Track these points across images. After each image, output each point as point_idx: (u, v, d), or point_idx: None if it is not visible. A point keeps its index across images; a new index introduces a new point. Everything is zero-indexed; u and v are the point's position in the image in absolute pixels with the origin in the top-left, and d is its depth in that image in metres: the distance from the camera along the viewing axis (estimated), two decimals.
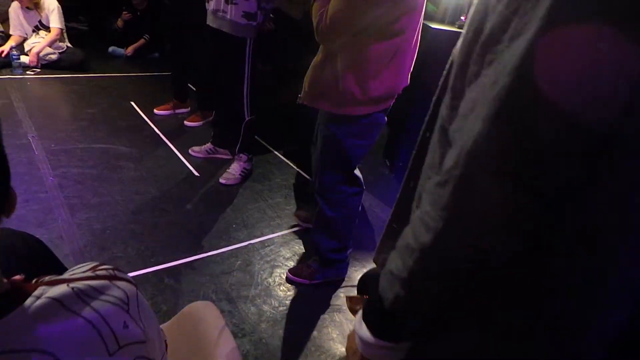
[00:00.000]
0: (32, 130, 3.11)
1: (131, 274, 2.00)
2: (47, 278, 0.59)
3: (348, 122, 1.73)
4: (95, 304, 0.58)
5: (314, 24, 1.57)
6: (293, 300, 2.03)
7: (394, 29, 1.54)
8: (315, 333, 1.87)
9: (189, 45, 3.41)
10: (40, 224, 2.20)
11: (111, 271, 0.66)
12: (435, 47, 2.75)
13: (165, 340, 0.87)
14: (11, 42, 4.19)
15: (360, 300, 0.91)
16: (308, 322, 1.93)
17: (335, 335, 1.87)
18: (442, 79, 0.69)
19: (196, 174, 2.92)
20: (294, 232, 2.50)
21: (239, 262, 2.20)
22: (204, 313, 1.08)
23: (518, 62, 0.43)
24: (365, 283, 1.18)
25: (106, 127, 3.35)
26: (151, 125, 3.49)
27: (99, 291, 0.60)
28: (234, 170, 2.86)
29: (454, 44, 0.66)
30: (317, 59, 1.69)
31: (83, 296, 0.57)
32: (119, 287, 0.63)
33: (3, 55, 4.10)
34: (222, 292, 2.00)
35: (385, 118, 1.81)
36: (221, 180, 2.82)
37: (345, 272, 2.20)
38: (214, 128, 3.12)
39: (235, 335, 1.80)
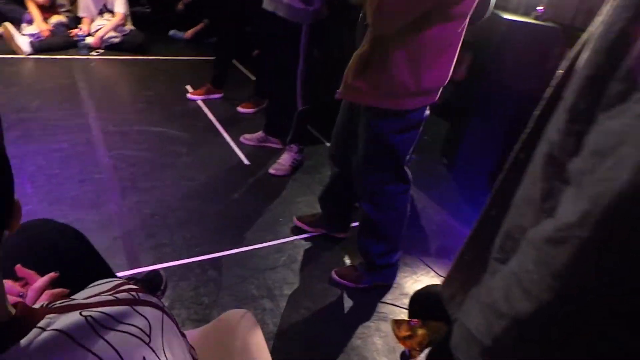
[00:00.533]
0: (92, 110, 3.18)
1: (175, 263, 1.98)
2: (58, 303, 0.52)
3: (395, 117, 1.59)
4: (111, 336, 0.50)
5: (372, 4, 1.42)
6: (337, 304, 1.93)
7: (457, 11, 1.39)
8: (359, 342, 1.76)
9: (241, 31, 3.35)
10: (92, 205, 2.23)
11: (134, 294, 0.58)
12: (509, 40, 2.52)
13: (194, 356, 0.80)
14: (82, 25, 4.33)
15: (409, 328, 0.81)
16: (352, 329, 1.82)
17: (380, 347, 1.75)
18: (550, 91, 0.55)
19: (246, 162, 2.87)
20: None
21: (283, 258, 2.13)
22: (241, 324, 1.00)
23: None
24: (417, 305, 1.06)
25: (162, 110, 3.37)
26: (204, 110, 3.48)
27: (117, 320, 0.52)
28: (285, 160, 2.79)
29: (530, 37, 0.51)
30: (362, 49, 1.54)
31: (97, 327, 0.49)
32: (141, 315, 0.55)
33: (72, 35, 4.24)
34: (265, 288, 1.94)
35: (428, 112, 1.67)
36: (271, 171, 2.76)
37: (394, 278, 2.07)
38: (267, 116, 3.06)
39: (274, 335, 1.73)
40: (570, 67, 0.52)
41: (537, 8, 2.94)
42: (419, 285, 2.08)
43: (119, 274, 1.81)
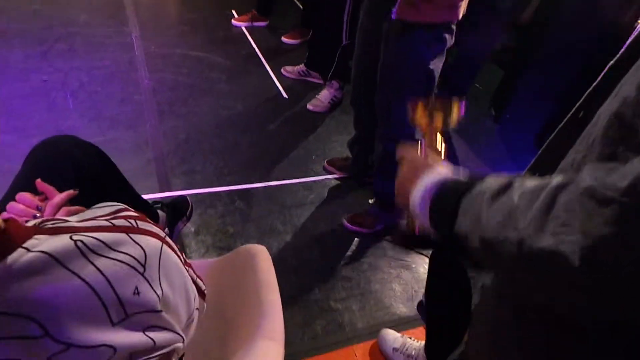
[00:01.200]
0: (136, 30, 3.15)
1: (205, 190, 2.00)
2: (50, 224, 0.50)
3: (426, 30, 1.48)
4: (102, 262, 0.48)
5: None
6: (361, 247, 1.92)
7: None
8: (377, 286, 1.76)
9: None
10: (130, 126, 2.26)
11: (132, 221, 0.56)
12: None
13: (204, 290, 0.80)
14: None
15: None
16: (373, 273, 1.82)
17: (399, 294, 1.75)
18: (627, 44, 0.47)
19: (285, 95, 2.81)
20: None
21: (312, 196, 2.11)
22: (256, 258, 0.99)
23: None
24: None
25: (205, 35, 3.30)
26: (248, 38, 3.38)
27: (109, 247, 0.50)
28: (324, 97, 2.70)
29: None
30: None
31: (87, 252, 0.48)
32: (136, 243, 0.53)
33: None
34: (290, 224, 1.95)
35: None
36: (309, 107, 2.69)
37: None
38: (310, 49, 2.94)
39: (294, 270, 1.75)
40: None
41: None
42: None
43: (150, 196, 1.86)
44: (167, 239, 0.61)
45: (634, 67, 0.43)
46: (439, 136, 0.75)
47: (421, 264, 1.87)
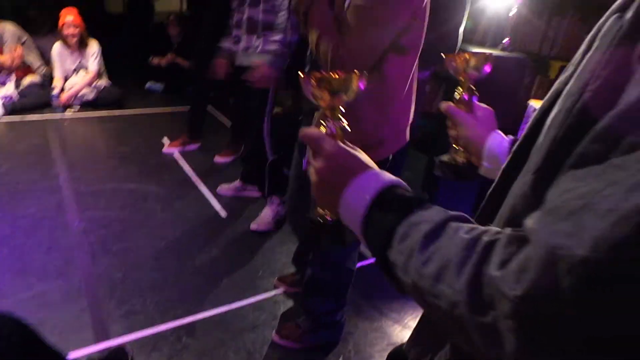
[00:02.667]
0: (64, 171, 3.10)
1: (147, 332, 1.86)
2: None
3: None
4: None
5: (326, 59, 1.35)
6: None
7: (408, 43, 1.35)
8: None
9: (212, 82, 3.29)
10: (60, 274, 2.11)
11: None
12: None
13: None
14: (56, 83, 4.28)
15: None
16: None
17: None
18: (527, 126, 0.51)
19: (224, 215, 2.79)
20: None
21: (263, 316, 2.01)
22: None
23: None
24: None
25: (137, 165, 3.31)
26: (181, 163, 3.42)
27: None
28: (266, 215, 2.66)
29: (500, 69, 0.48)
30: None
31: None
32: None
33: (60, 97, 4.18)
34: (245, 351, 1.82)
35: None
36: (252, 227, 2.62)
37: (341, 335, 1.92)
38: (243, 164, 3.01)
39: None
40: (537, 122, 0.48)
41: (505, 40, 2.99)
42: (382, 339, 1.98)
43: (84, 350, 1.69)
44: None
45: (521, 174, 0.47)
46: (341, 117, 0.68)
47: None
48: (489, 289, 0.37)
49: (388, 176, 0.56)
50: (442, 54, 0.93)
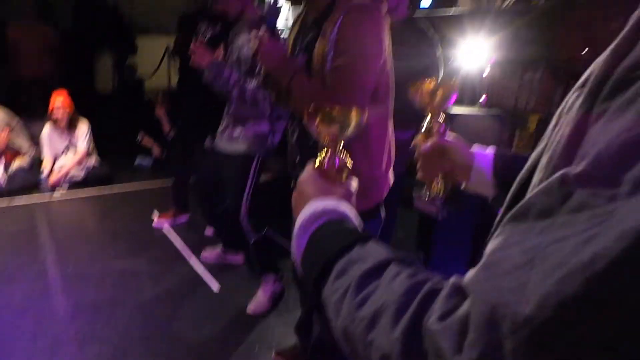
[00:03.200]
0: (51, 254, 3.04)
1: None
2: None
3: (371, 218, 1.51)
4: None
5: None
6: None
7: (379, 94, 1.42)
8: None
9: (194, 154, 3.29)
10: None
11: None
12: (460, 132, 2.59)
13: None
14: (45, 165, 4.30)
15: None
16: None
17: None
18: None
19: (217, 288, 2.71)
20: None
21: None
22: None
23: None
24: None
25: (127, 242, 3.25)
26: (172, 237, 3.38)
27: None
28: (262, 296, 2.54)
29: (479, 126, 0.49)
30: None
31: None
32: None
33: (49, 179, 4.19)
34: None
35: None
36: (249, 310, 2.47)
37: None
38: (221, 235, 2.99)
39: None
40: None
41: (482, 99, 3.10)
42: None
43: None
44: None
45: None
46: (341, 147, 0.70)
47: None
48: (427, 342, 0.35)
49: (341, 209, 0.55)
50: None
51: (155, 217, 3.63)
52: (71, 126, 4.39)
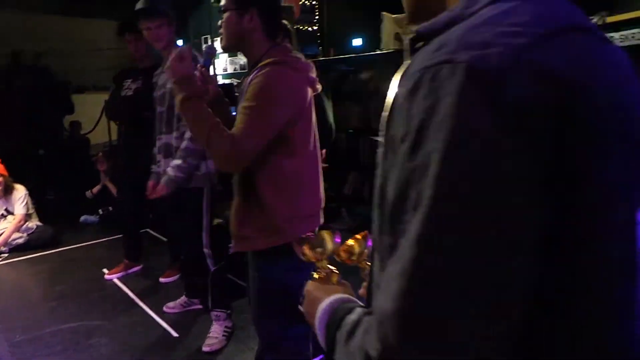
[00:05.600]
0: None
1: None
2: None
3: (283, 255, 1.48)
4: None
5: (219, 152, 1.44)
6: None
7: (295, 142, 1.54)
8: None
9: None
10: None
11: None
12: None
13: None
14: None
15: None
16: None
17: None
18: None
19: (175, 334, 2.71)
20: None
21: None
22: None
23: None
24: None
25: (77, 302, 3.18)
26: (125, 290, 3.33)
27: None
28: (215, 333, 2.59)
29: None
30: (236, 199, 1.60)
31: None
32: None
33: None
34: None
35: None
36: (205, 349, 2.51)
37: None
38: (184, 279, 3.00)
39: None
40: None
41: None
42: None
43: None
44: None
45: None
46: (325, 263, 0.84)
47: None
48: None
49: (337, 297, 0.72)
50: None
51: (107, 271, 3.58)
52: (7, 192, 4.29)
